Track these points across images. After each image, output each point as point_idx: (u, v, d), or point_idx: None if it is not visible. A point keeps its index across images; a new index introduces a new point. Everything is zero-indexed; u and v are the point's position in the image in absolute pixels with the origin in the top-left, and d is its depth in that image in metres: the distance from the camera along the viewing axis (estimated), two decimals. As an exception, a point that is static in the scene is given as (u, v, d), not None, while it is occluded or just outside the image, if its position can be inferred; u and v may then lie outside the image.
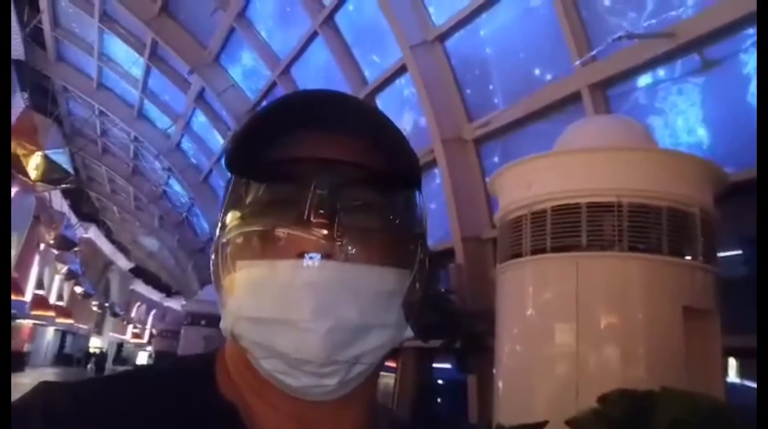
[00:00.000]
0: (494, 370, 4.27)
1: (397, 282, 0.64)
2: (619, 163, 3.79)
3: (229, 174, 0.69)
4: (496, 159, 7.68)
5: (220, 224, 0.67)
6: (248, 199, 0.65)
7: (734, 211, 4.01)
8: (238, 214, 0.65)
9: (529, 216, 3.93)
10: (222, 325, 0.64)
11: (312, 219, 0.61)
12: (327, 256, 0.60)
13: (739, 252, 4.58)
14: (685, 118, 5.31)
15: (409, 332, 0.65)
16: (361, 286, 0.61)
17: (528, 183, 4.01)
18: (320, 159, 0.64)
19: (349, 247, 0.61)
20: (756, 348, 1.49)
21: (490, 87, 7.57)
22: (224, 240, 0.65)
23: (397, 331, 0.64)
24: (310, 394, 0.62)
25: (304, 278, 0.59)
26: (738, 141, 4.86)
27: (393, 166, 0.66)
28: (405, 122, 8.85)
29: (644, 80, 5.62)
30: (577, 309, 3.62)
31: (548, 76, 6.67)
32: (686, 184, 3.74)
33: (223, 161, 0.69)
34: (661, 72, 5.46)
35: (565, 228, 3.75)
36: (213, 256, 0.67)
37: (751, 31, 4.56)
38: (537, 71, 6.82)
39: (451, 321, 6.92)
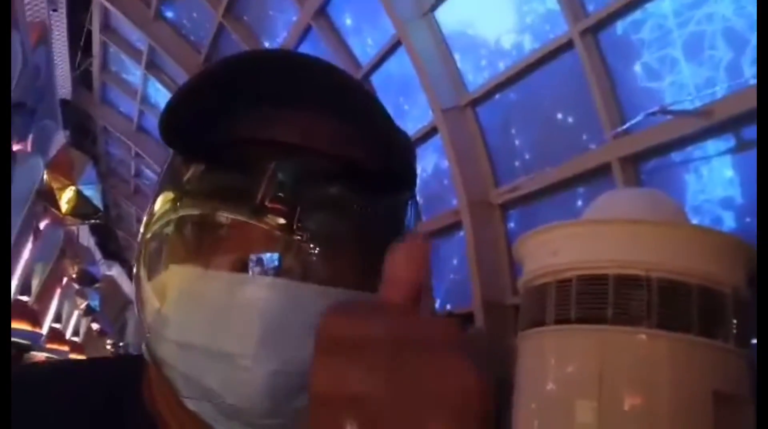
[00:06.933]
0: (509, 444, 4.07)
1: None
2: (650, 237, 3.64)
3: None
4: (513, 224, 7.60)
5: (147, 214, 0.54)
6: (187, 184, 0.52)
7: None
8: (171, 201, 0.52)
9: (555, 284, 3.83)
10: (143, 346, 0.52)
11: (265, 215, 0.47)
12: (280, 269, 0.47)
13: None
14: (717, 175, 5.20)
15: None
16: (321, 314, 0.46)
17: (554, 250, 3.92)
18: (283, 143, 0.51)
19: (311, 259, 0.48)
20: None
21: (513, 131, 7.51)
22: (150, 232, 0.53)
23: None
24: None
25: (248, 296, 0.46)
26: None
27: (379, 159, 0.53)
28: (427, 163, 8.87)
29: (678, 156, 5.57)
30: (600, 386, 3.47)
31: (570, 120, 6.62)
32: (718, 262, 3.61)
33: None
34: (695, 148, 5.41)
35: (592, 299, 3.63)
36: (135, 255, 0.54)
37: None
38: (560, 116, 6.75)
39: (466, 388, 6.69)
